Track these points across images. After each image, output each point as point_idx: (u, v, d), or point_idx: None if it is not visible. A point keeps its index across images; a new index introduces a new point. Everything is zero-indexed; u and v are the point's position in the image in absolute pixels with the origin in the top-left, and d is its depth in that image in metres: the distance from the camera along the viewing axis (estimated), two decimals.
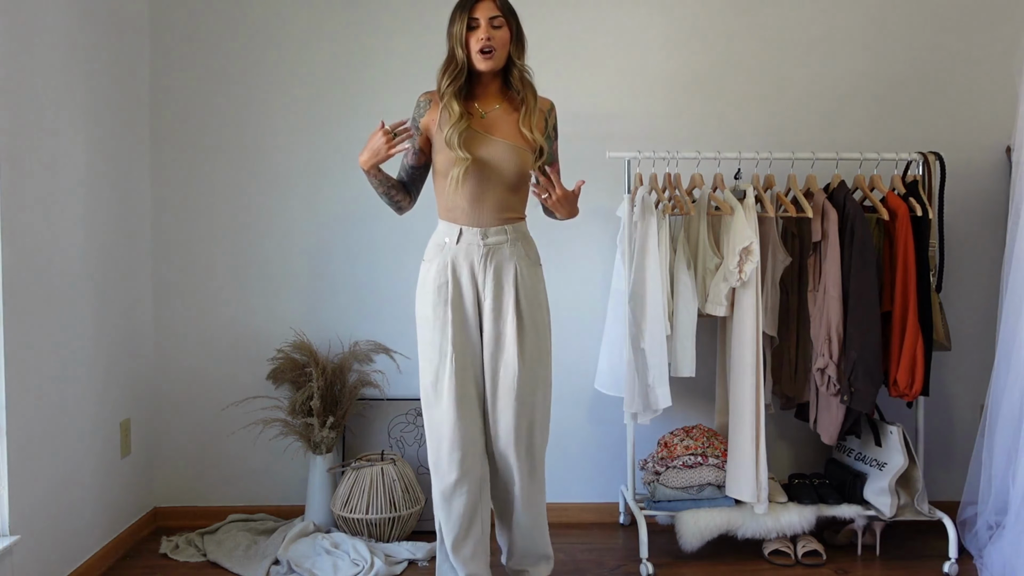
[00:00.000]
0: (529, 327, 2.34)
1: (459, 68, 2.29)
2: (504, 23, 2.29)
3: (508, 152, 2.31)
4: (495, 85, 2.37)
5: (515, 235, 2.36)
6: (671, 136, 3.24)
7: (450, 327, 2.32)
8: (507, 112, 2.35)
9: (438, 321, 2.34)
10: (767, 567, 2.89)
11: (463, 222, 2.34)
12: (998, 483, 2.78)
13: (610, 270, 3.20)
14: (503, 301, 2.33)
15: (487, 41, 2.26)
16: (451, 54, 2.31)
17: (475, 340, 2.36)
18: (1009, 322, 2.78)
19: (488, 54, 2.27)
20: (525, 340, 2.33)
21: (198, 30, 3.26)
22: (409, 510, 3.04)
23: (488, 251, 2.33)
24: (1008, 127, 3.18)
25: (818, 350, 2.85)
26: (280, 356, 3.21)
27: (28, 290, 2.44)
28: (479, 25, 2.26)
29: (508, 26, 2.30)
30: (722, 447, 2.95)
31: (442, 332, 2.33)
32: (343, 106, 3.29)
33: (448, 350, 2.32)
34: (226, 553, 2.94)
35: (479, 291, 2.34)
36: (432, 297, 2.35)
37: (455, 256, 2.34)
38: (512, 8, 2.34)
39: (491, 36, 2.26)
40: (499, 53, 2.29)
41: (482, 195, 2.32)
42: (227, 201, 3.29)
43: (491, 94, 2.37)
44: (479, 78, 2.35)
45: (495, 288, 2.32)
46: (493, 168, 2.30)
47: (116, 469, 2.99)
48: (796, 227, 3.03)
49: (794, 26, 3.30)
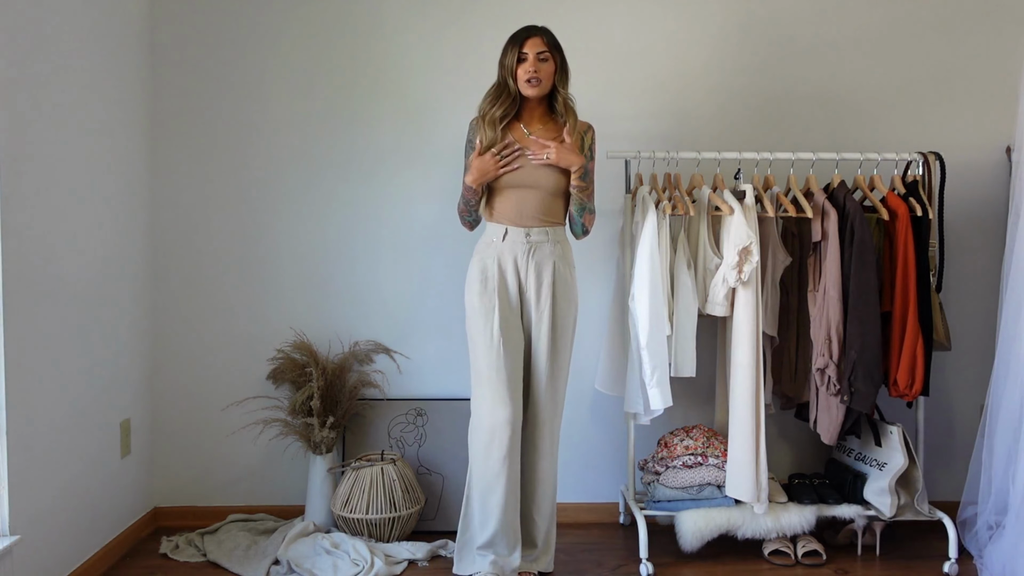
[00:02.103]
0: (559, 321, 2.65)
1: (511, 97, 2.63)
2: (550, 57, 2.62)
3: (546, 168, 2.62)
4: (540, 109, 2.70)
5: (555, 237, 2.68)
6: (671, 136, 3.25)
7: (496, 313, 2.60)
8: (549, 133, 2.67)
9: (484, 308, 2.62)
10: (767, 567, 2.89)
11: (508, 223, 2.66)
12: (998, 483, 2.78)
13: (610, 270, 3.20)
14: (542, 291, 2.64)
15: (534, 73, 2.59)
16: (502, 83, 2.64)
17: (518, 325, 2.66)
18: (1009, 322, 2.78)
19: (535, 84, 2.59)
20: (557, 331, 2.65)
21: (198, 30, 3.26)
22: (409, 510, 3.04)
23: (531, 247, 2.65)
24: (1008, 127, 3.19)
25: (818, 350, 2.85)
26: (280, 356, 3.21)
27: (28, 290, 2.44)
28: (527, 58, 2.59)
29: (554, 59, 2.62)
30: (722, 447, 2.95)
31: (488, 318, 2.61)
32: (344, 106, 3.29)
33: (496, 334, 2.60)
34: (226, 553, 2.94)
35: (521, 282, 2.65)
36: (478, 287, 2.64)
37: (501, 252, 2.65)
38: (558, 43, 2.65)
39: (537, 69, 2.59)
40: (544, 83, 2.62)
41: (524, 202, 2.64)
42: (227, 201, 3.29)
43: (536, 117, 2.70)
44: (526, 103, 2.68)
45: (536, 279, 2.64)
46: (532, 179, 2.62)
47: (116, 469, 2.99)
48: (796, 227, 3.03)
49: (794, 26, 3.30)
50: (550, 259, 2.65)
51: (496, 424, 2.57)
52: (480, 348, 2.63)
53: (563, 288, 2.67)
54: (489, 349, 2.60)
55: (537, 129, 2.68)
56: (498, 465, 2.58)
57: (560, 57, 2.65)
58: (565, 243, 2.72)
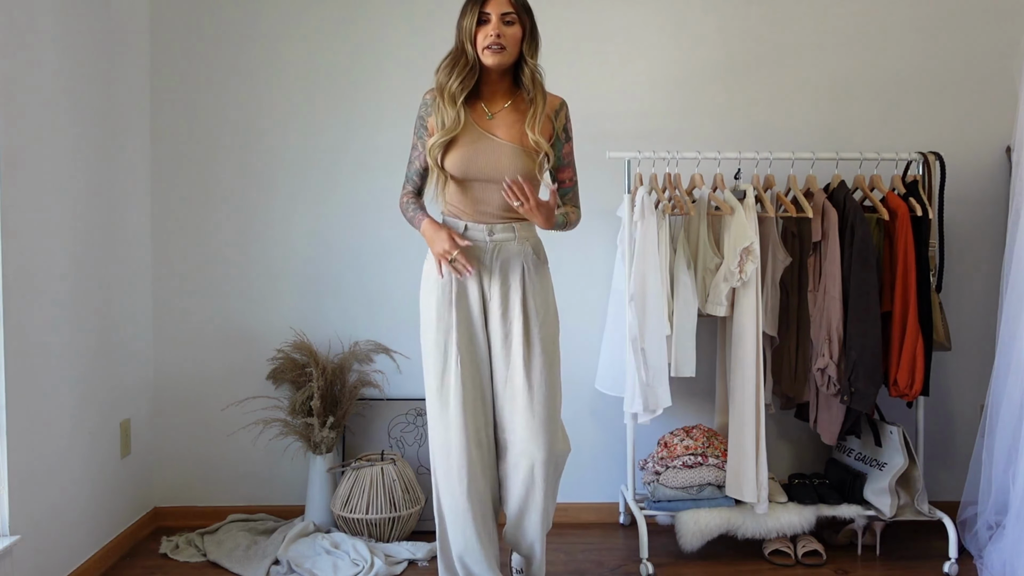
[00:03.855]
0: (534, 331, 2.29)
1: (469, 65, 2.20)
2: (516, 20, 2.21)
3: (509, 155, 2.23)
4: (505, 83, 2.29)
5: (523, 233, 2.31)
6: (671, 136, 3.24)
7: (455, 330, 2.26)
8: (514, 112, 2.27)
9: (442, 323, 2.28)
10: (767, 567, 2.89)
11: (468, 219, 2.29)
12: (998, 483, 2.78)
13: (610, 270, 3.20)
14: (509, 299, 2.27)
15: (496, 38, 2.17)
16: (459, 49, 2.21)
17: (481, 341, 2.30)
18: (1009, 322, 2.78)
19: (496, 50, 2.18)
20: (531, 343, 2.28)
21: (198, 30, 3.26)
22: (409, 510, 3.04)
23: (495, 247, 2.28)
24: (1008, 127, 3.19)
25: (818, 350, 2.85)
26: (280, 356, 3.21)
27: (28, 290, 2.44)
28: (490, 20, 2.18)
29: (521, 23, 2.21)
30: (722, 447, 2.95)
31: (447, 334, 2.27)
32: (344, 106, 3.29)
33: (453, 352, 2.25)
34: (226, 553, 2.94)
35: (484, 289, 2.29)
36: (436, 296, 2.29)
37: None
38: (527, 5, 2.25)
39: (501, 33, 2.17)
40: (509, 50, 2.20)
41: (485, 195, 2.27)
42: (227, 201, 3.29)
43: (500, 92, 2.29)
44: (487, 75, 2.26)
45: (502, 285, 2.27)
46: (494, 170, 2.23)
47: (116, 469, 2.99)
48: (796, 227, 3.03)
49: (794, 26, 3.30)
50: (518, 259, 2.28)
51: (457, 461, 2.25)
52: (433, 366, 2.28)
53: (535, 294, 2.29)
54: (444, 369, 2.26)
55: (502, 107, 2.27)
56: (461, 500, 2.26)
57: (530, 21, 2.23)
58: (535, 238, 2.34)
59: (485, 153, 2.24)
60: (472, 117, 2.25)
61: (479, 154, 2.24)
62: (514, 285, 2.28)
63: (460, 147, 2.24)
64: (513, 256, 2.28)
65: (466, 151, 2.24)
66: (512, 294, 2.27)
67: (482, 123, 2.26)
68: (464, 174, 2.25)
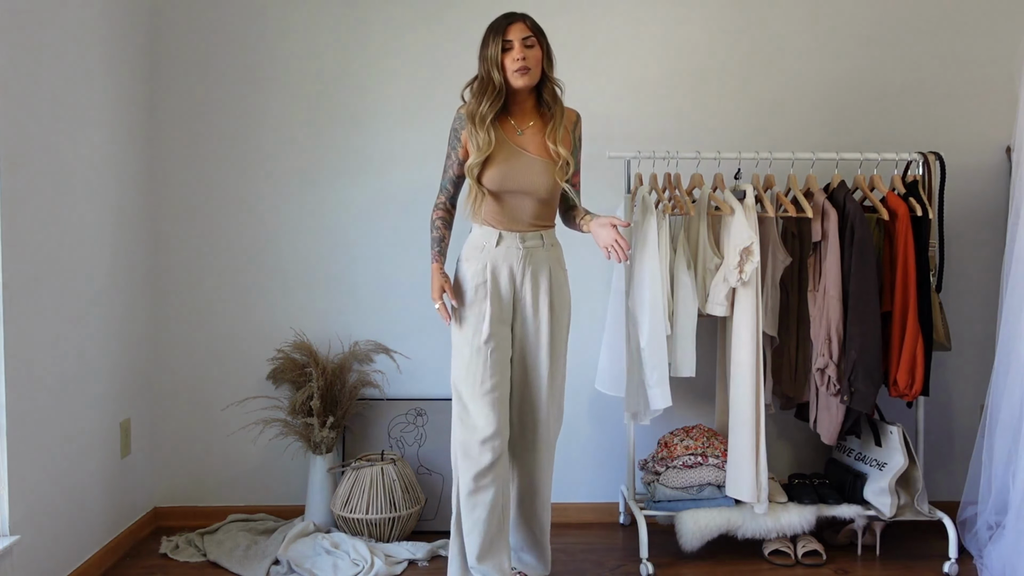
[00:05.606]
0: (557, 326, 2.53)
1: (496, 90, 2.42)
2: (536, 42, 2.43)
3: (541, 168, 2.46)
4: (530, 102, 2.51)
5: (548, 240, 2.55)
6: (671, 136, 3.25)
7: (487, 321, 2.45)
8: (540, 129, 2.50)
9: (474, 316, 2.47)
10: (767, 567, 2.89)
11: (502, 228, 2.50)
12: (998, 483, 2.78)
13: (610, 270, 3.20)
14: (539, 298, 2.51)
15: (522, 61, 2.39)
16: (487, 77, 2.43)
17: (507, 335, 2.51)
18: (1009, 322, 2.78)
19: (524, 72, 2.40)
20: (555, 336, 2.53)
21: (199, 30, 3.26)
22: (409, 510, 3.04)
23: (527, 253, 2.50)
24: (1008, 127, 3.19)
25: (818, 350, 2.85)
26: (280, 356, 3.21)
27: (28, 290, 2.44)
28: (513, 46, 2.40)
29: (539, 44, 2.44)
30: (722, 447, 2.95)
31: (477, 326, 2.46)
32: (344, 106, 3.29)
33: (484, 342, 2.45)
34: (226, 553, 2.94)
35: (517, 290, 2.51)
36: (471, 294, 2.48)
37: (495, 258, 2.48)
38: (540, 27, 2.47)
39: (525, 56, 2.40)
40: (534, 70, 2.43)
41: (519, 206, 2.48)
42: (227, 201, 3.29)
43: (526, 111, 2.51)
44: (515, 96, 2.48)
45: (533, 286, 2.50)
46: (529, 183, 2.46)
47: (116, 469, 2.99)
48: (796, 227, 3.03)
49: (794, 26, 3.30)
50: (545, 264, 2.52)
51: (481, 442, 2.42)
52: (464, 359, 2.47)
53: (559, 294, 2.55)
54: (476, 361, 2.44)
55: (529, 125, 2.50)
56: (485, 481, 2.43)
57: (545, 42, 2.47)
58: (557, 245, 2.60)
59: (519, 168, 2.46)
60: (504, 135, 2.47)
61: (513, 170, 2.45)
62: (543, 286, 2.51)
63: (496, 164, 2.44)
64: (541, 261, 2.52)
65: (501, 167, 2.45)
66: (541, 294, 2.51)
67: (513, 139, 2.48)
68: (500, 188, 2.46)
